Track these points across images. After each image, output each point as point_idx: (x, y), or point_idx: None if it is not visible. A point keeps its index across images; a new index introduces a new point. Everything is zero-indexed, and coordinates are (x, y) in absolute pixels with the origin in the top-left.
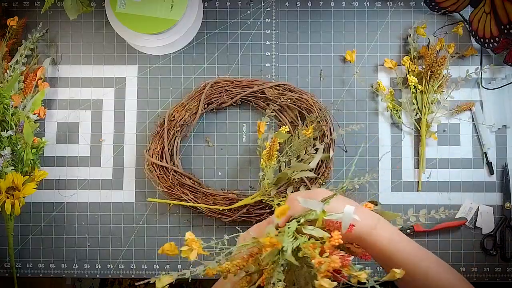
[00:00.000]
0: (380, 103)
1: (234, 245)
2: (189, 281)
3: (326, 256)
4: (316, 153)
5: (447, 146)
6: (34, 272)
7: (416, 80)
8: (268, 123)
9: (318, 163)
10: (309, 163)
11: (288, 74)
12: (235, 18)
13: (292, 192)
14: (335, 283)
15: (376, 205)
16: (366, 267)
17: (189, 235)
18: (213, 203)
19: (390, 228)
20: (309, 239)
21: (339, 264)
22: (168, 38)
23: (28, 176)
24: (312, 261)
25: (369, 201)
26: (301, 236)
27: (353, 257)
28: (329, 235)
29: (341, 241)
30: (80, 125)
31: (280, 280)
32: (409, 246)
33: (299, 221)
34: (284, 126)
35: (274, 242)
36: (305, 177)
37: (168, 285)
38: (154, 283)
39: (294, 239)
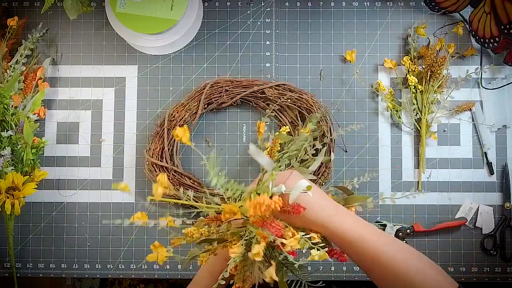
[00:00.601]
0: (380, 103)
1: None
2: None
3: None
4: (316, 153)
5: (447, 146)
6: (34, 272)
7: (416, 80)
8: (268, 123)
9: (318, 164)
10: (309, 164)
11: (288, 74)
12: (235, 18)
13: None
14: (261, 246)
15: (350, 194)
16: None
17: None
18: (216, 204)
19: (351, 216)
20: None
21: (264, 204)
22: (168, 38)
23: (28, 176)
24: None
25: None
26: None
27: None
28: (272, 202)
29: (278, 207)
30: (80, 125)
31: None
32: (372, 232)
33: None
34: (284, 126)
35: (234, 210)
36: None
37: (168, 285)
38: (153, 283)
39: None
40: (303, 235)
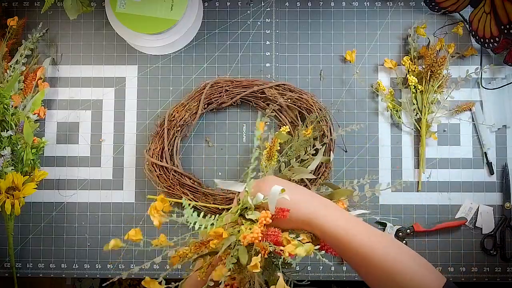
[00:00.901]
0: (380, 103)
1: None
2: None
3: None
4: (316, 153)
5: (447, 146)
6: (34, 272)
7: (416, 80)
8: (268, 123)
9: (318, 163)
10: (309, 164)
11: (288, 74)
12: (235, 18)
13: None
14: (258, 258)
15: (333, 188)
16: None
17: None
18: (213, 203)
19: (338, 212)
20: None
21: (258, 236)
22: (168, 38)
23: (28, 176)
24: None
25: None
26: (246, 221)
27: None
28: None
29: (270, 220)
30: (80, 125)
31: (233, 263)
32: (358, 227)
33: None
34: (284, 126)
35: (219, 233)
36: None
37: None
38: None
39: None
40: (294, 238)
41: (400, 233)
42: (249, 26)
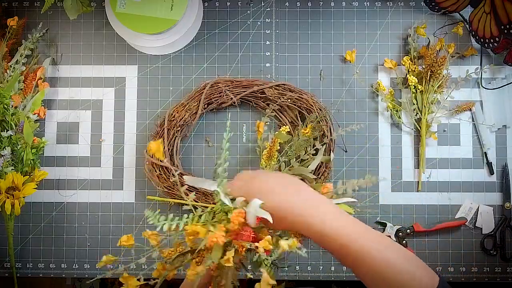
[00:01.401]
0: (380, 103)
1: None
2: None
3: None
4: (316, 153)
5: (447, 146)
6: (34, 272)
7: (416, 80)
8: (268, 123)
9: (318, 163)
10: (309, 164)
11: (288, 74)
12: (235, 18)
13: None
14: (232, 253)
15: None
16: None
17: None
18: (212, 203)
19: (325, 208)
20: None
21: (222, 238)
22: (168, 38)
23: (28, 176)
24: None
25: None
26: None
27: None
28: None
29: (242, 220)
30: (80, 125)
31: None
32: (345, 223)
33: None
34: (284, 126)
35: (197, 230)
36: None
37: (167, 285)
38: (154, 283)
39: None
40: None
41: (400, 233)
42: (249, 26)
